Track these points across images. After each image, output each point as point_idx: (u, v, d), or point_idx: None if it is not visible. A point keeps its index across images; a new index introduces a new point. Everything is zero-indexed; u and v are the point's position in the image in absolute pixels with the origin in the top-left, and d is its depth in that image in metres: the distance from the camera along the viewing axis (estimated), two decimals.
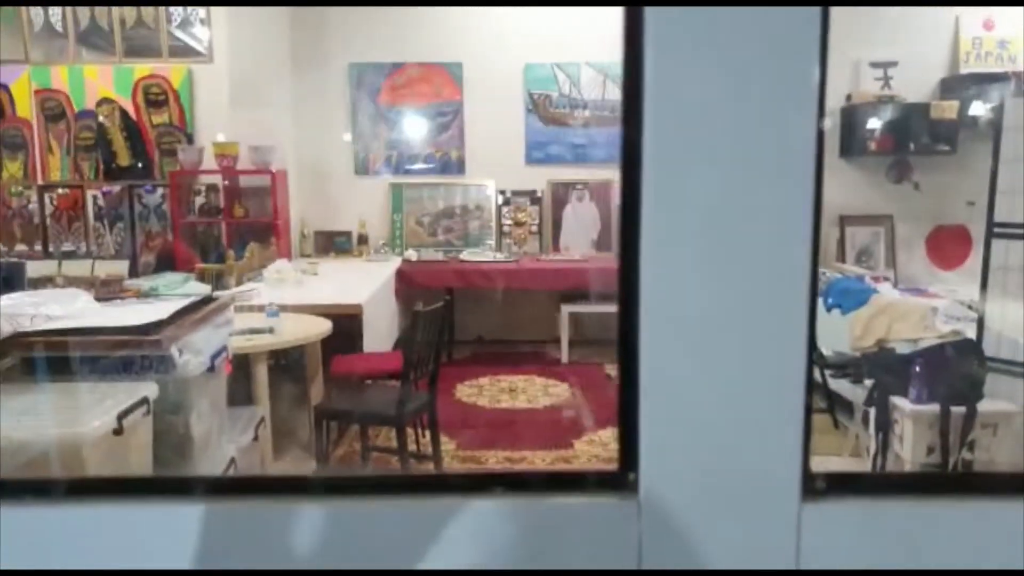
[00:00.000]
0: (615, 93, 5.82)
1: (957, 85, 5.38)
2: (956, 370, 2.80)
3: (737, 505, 0.66)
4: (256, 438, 2.92)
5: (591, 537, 0.67)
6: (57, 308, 2.26)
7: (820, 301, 4.02)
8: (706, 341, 0.64)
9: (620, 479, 0.67)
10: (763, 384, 0.64)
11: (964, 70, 5.42)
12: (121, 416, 1.83)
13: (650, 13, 0.61)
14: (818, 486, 0.66)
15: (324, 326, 3.49)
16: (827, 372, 3.52)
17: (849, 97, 5.43)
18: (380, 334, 4.24)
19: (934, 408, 2.76)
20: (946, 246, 5.40)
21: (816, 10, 0.60)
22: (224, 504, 0.66)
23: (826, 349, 3.57)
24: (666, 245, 0.63)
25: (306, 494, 0.68)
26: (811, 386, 0.65)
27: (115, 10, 5.09)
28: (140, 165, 5.27)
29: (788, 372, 0.64)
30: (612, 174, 5.86)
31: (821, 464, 0.66)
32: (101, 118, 5.21)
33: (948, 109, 5.21)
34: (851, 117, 5.38)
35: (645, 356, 0.65)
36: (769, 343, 0.63)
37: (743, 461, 0.65)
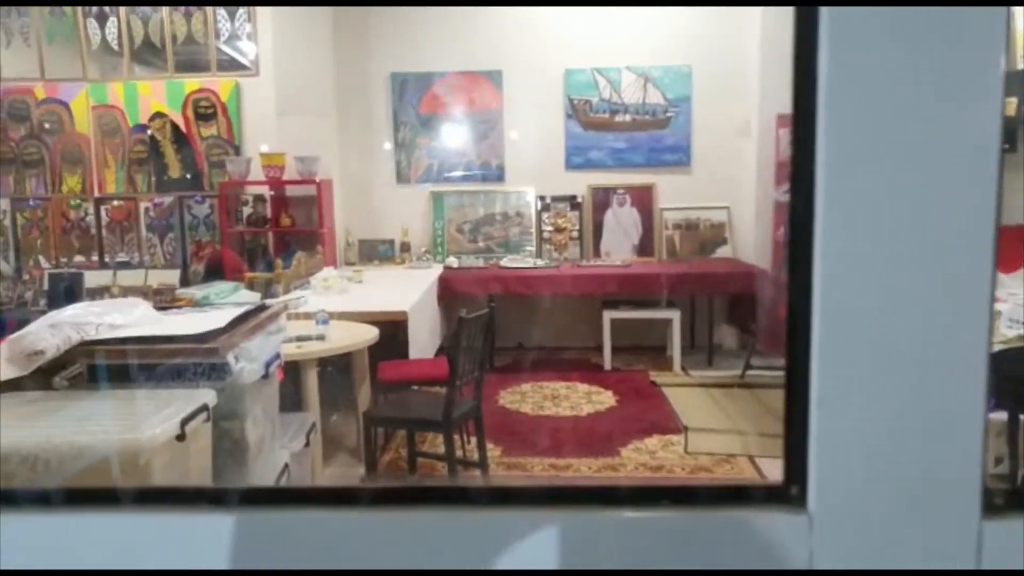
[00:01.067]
0: (656, 97, 5.81)
1: (1016, 82, 5.24)
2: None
3: (914, 523, 0.62)
4: (308, 444, 2.97)
5: (753, 552, 0.63)
6: (119, 317, 2.33)
7: None
8: (882, 350, 0.61)
9: (783, 492, 0.64)
10: (941, 394, 0.61)
11: (1022, 65, 5.29)
12: (184, 422, 1.88)
13: (826, 13, 0.60)
14: (996, 502, 0.62)
15: (371, 333, 3.54)
16: None
17: None
18: (423, 341, 4.29)
19: (1002, 416, 2.69)
20: (1007, 248, 5.26)
21: (1002, 10, 0.58)
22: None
23: None
24: (842, 251, 0.62)
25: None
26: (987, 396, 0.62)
27: (167, 27, 5.24)
28: (189, 177, 5.41)
29: (967, 381, 0.61)
30: (653, 178, 5.85)
31: None
32: (153, 132, 5.36)
33: (1007, 106, 5.09)
34: None
35: (819, 366, 0.63)
36: (948, 351, 0.61)
37: (920, 476, 0.62)
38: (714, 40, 5.74)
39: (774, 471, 3.51)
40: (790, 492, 0.64)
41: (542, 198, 5.92)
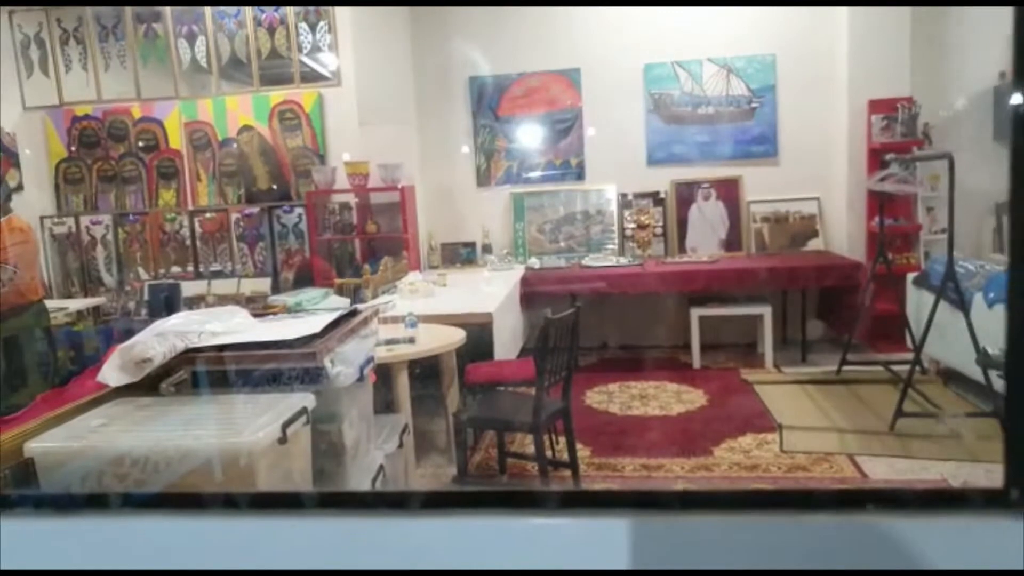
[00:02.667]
0: (739, 87, 5.66)
1: None
2: None
3: None
4: (401, 445, 3.00)
5: (965, 560, 0.59)
6: (219, 325, 2.40)
7: (980, 296, 3.74)
8: None
9: (1002, 497, 0.59)
10: None
11: None
12: (285, 425, 1.91)
13: None
14: None
15: (458, 335, 3.56)
16: (993, 373, 3.27)
17: (1003, 75, 5.04)
18: (507, 342, 4.28)
19: None
20: None
21: None
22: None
23: (991, 348, 3.31)
24: None
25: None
26: None
27: (251, 43, 5.41)
28: (277, 187, 5.57)
29: None
30: (739, 171, 5.70)
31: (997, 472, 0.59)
32: (242, 145, 5.54)
33: None
34: (1006, 97, 4.98)
35: None
36: None
37: None
38: (798, 27, 5.56)
39: (876, 469, 3.37)
40: (1010, 496, 0.59)
41: (623, 195, 5.85)
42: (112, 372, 2.24)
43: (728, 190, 5.73)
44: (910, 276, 4.69)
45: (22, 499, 0.68)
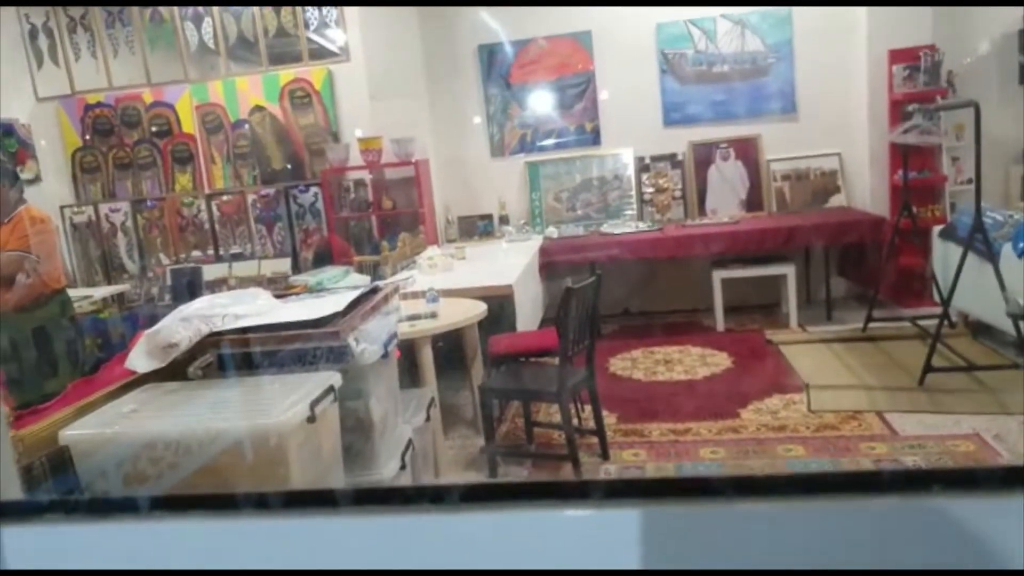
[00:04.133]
0: (755, 43, 5.54)
1: None
2: None
3: None
4: (428, 419, 3.01)
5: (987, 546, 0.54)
6: (243, 307, 2.40)
7: (1009, 247, 3.67)
8: None
9: None
10: None
11: None
12: (313, 404, 1.92)
13: None
14: None
15: (480, 308, 3.55)
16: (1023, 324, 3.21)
17: None
18: (528, 313, 4.27)
19: None
20: None
21: None
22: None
23: (1022, 298, 3.26)
24: None
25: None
26: None
27: (258, 21, 5.36)
28: (291, 167, 5.55)
29: None
30: (757, 129, 5.61)
31: None
32: (254, 126, 5.52)
33: None
34: None
35: None
36: None
37: None
38: None
39: (906, 426, 3.34)
40: None
41: (640, 159, 5.78)
42: (140, 358, 2.26)
43: (747, 149, 5.64)
44: (936, 229, 4.61)
45: (52, 505, 0.67)
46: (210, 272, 5.49)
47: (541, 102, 5.86)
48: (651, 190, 5.78)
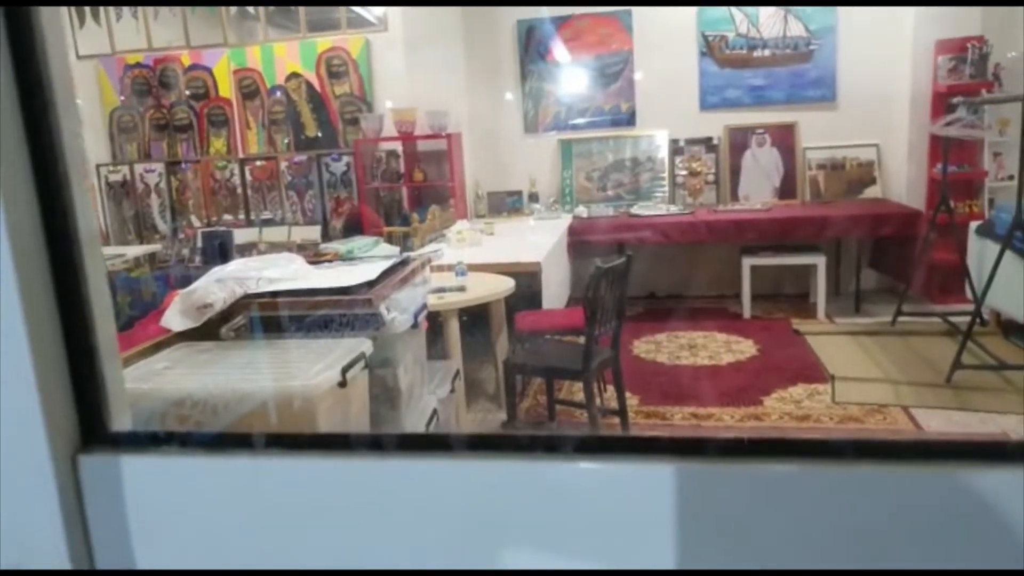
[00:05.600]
0: (797, 29, 5.45)
1: None
2: None
3: None
4: (453, 390, 3.04)
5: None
6: (277, 272, 2.43)
7: None
8: None
9: None
10: None
11: None
12: (345, 370, 1.94)
13: None
14: None
15: (508, 284, 3.56)
16: None
17: None
18: (554, 291, 4.27)
19: None
20: None
21: None
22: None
23: None
24: None
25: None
26: None
27: None
28: (325, 135, 5.58)
29: None
30: (795, 116, 5.53)
31: None
32: (290, 92, 5.54)
33: None
34: None
35: None
36: None
37: None
38: None
39: (931, 422, 3.31)
40: None
41: (675, 141, 5.72)
42: (174, 317, 2.30)
43: (783, 136, 5.56)
44: (973, 225, 4.53)
45: (168, 437, 0.70)
46: (240, 236, 5.55)
47: (578, 80, 5.82)
48: (684, 173, 5.74)
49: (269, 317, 2.33)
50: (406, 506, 0.64)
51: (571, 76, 5.82)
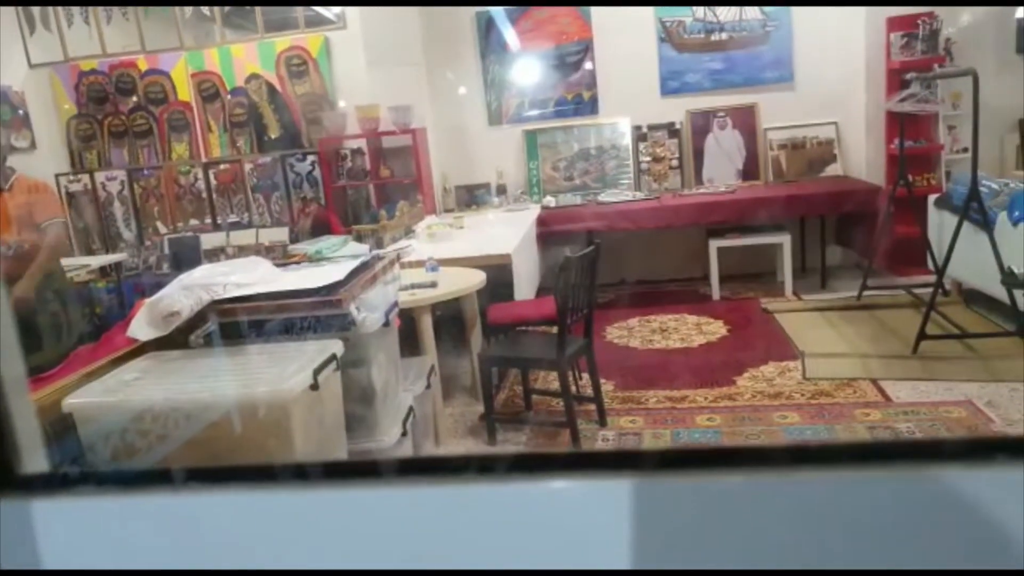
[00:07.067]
0: (753, 11, 5.50)
1: None
2: None
3: None
4: (429, 386, 3.05)
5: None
6: (244, 276, 2.42)
7: (1004, 215, 3.69)
8: None
9: None
10: None
11: None
12: (316, 372, 1.94)
13: None
14: None
15: (479, 277, 3.57)
16: (1018, 292, 3.24)
17: None
18: (525, 282, 4.29)
19: None
20: None
21: None
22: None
23: (1017, 267, 3.29)
24: None
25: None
26: None
27: None
28: (288, 135, 5.53)
29: None
30: (755, 98, 5.59)
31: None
32: (251, 94, 5.48)
33: None
34: None
35: None
36: None
37: None
38: None
39: (900, 393, 3.39)
40: None
41: (637, 128, 5.76)
42: (141, 327, 2.28)
43: (744, 118, 5.63)
44: (931, 198, 4.63)
45: (83, 477, 0.64)
46: (208, 241, 5.49)
47: (539, 70, 5.82)
48: (648, 159, 5.78)
49: (238, 323, 2.32)
50: (339, 539, 0.60)
51: (532, 67, 5.82)
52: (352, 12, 5.24)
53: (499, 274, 3.89)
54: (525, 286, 4.23)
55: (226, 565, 0.61)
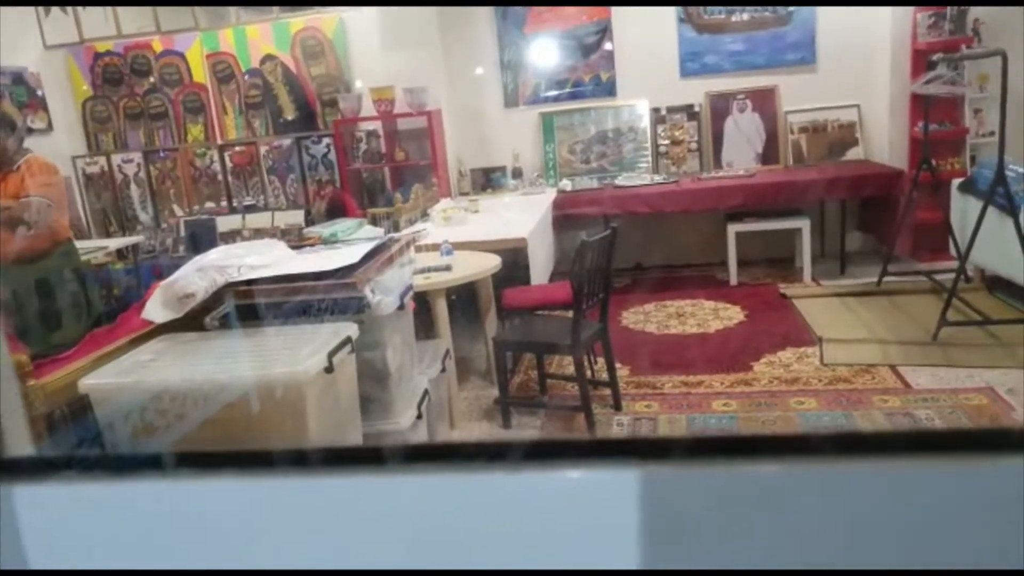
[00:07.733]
0: None
1: None
2: None
3: None
4: (443, 369, 3.04)
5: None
6: (259, 258, 2.41)
7: None
8: None
9: None
10: None
11: None
12: (331, 355, 1.93)
13: None
14: None
15: (494, 261, 3.55)
16: None
17: None
18: (540, 266, 4.26)
19: None
20: None
21: None
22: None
23: None
24: None
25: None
26: None
27: None
28: (304, 117, 5.51)
29: None
30: (775, 80, 5.50)
31: None
32: (266, 75, 5.46)
33: None
34: None
35: None
36: None
37: None
38: None
39: (920, 380, 3.34)
40: None
41: (656, 110, 5.69)
42: (156, 309, 2.28)
43: (764, 100, 5.54)
44: (955, 182, 4.54)
45: (68, 462, 0.61)
46: (224, 223, 5.50)
47: (556, 51, 5.75)
48: (667, 142, 5.71)
49: (253, 305, 2.31)
50: (338, 528, 0.58)
51: (549, 48, 5.75)
52: None
53: (515, 258, 3.87)
54: (539, 270, 4.20)
55: (218, 556, 0.59)
